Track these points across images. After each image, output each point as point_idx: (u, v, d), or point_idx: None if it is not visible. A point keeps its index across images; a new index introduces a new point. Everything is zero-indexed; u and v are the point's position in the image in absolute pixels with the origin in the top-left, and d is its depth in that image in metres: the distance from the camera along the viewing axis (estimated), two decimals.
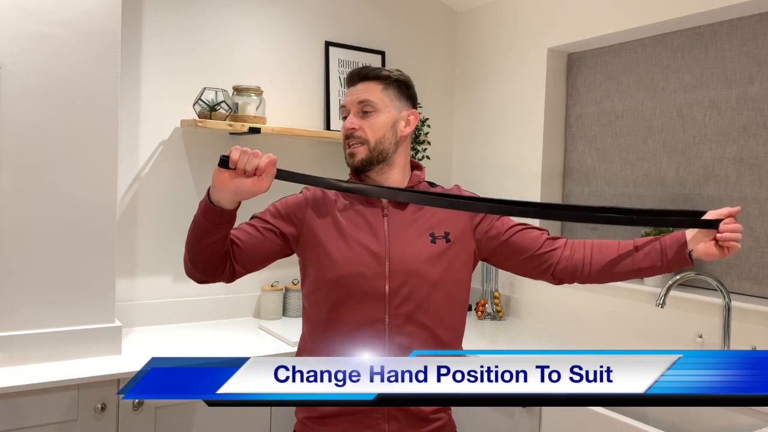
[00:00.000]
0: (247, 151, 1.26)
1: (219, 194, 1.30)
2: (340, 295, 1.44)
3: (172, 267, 2.47)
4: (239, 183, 1.27)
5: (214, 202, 1.31)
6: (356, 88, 1.51)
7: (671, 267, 1.42)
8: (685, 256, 1.39)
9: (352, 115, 1.49)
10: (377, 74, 1.50)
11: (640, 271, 1.44)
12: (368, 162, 1.47)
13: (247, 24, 2.63)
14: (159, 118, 2.45)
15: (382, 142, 1.47)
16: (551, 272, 1.49)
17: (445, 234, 1.48)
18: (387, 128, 1.48)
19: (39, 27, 1.88)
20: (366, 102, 1.48)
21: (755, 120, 2.12)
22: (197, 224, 1.35)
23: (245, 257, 1.45)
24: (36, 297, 1.92)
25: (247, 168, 1.25)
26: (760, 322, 1.97)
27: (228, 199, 1.30)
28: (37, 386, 1.75)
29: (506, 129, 2.87)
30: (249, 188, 1.27)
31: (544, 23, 2.69)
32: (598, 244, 1.49)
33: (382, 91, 1.49)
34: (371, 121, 1.47)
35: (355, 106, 1.49)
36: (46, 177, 1.92)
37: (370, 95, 1.48)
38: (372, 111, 1.48)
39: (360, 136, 1.47)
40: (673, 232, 1.44)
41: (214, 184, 1.29)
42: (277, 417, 2.10)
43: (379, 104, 1.48)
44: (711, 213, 1.38)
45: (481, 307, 2.78)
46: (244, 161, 1.25)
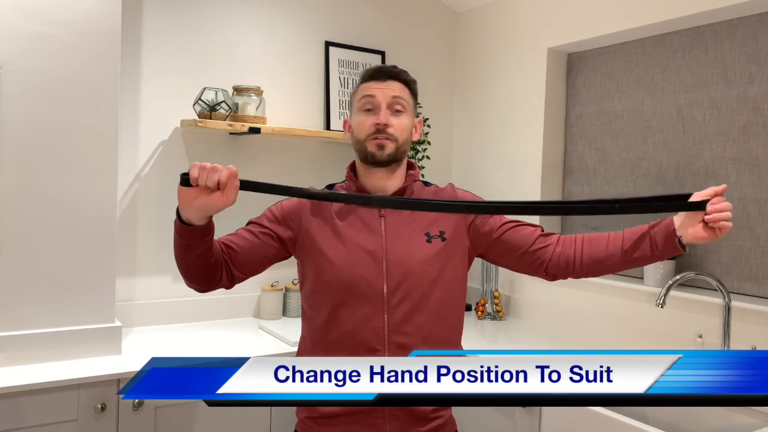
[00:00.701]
0: (206, 166, 1.22)
1: (187, 212, 1.27)
2: (339, 297, 1.44)
3: (172, 267, 2.42)
4: (203, 200, 1.24)
5: (184, 220, 1.29)
6: (385, 84, 1.47)
7: (662, 255, 1.38)
8: (675, 243, 1.34)
9: (384, 110, 1.46)
10: (406, 78, 1.50)
11: (632, 261, 1.41)
12: (393, 159, 1.46)
13: (247, 24, 2.63)
14: (159, 118, 2.45)
15: (404, 144, 1.48)
16: (544, 268, 1.49)
17: (441, 233, 1.48)
18: (409, 131, 1.49)
19: (39, 27, 1.88)
20: (400, 99, 1.47)
21: (755, 120, 2.12)
22: (176, 243, 1.35)
23: (242, 262, 1.45)
24: (36, 297, 1.92)
25: (209, 184, 1.22)
26: (760, 322, 1.97)
27: (196, 216, 1.27)
28: (37, 386, 1.75)
29: (506, 129, 2.87)
30: (214, 204, 1.24)
31: (544, 23, 2.69)
32: (589, 237, 1.47)
33: (408, 94, 1.50)
34: (401, 121, 1.47)
35: (388, 100, 1.46)
36: (46, 177, 1.92)
37: (403, 95, 1.48)
38: (402, 111, 1.47)
39: (392, 133, 1.45)
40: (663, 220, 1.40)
41: (180, 203, 1.27)
42: (277, 417, 2.10)
43: (408, 106, 1.49)
44: (697, 194, 1.32)
45: (481, 307, 2.78)
46: (204, 178, 1.21)
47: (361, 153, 1.48)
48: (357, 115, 1.49)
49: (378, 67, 1.50)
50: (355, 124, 1.49)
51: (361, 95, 1.48)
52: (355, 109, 1.50)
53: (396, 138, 1.45)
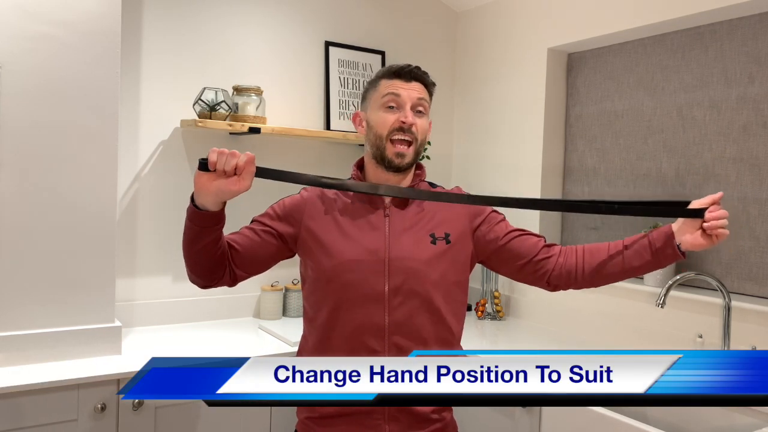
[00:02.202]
0: (225, 151, 1.26)
1: (202, 197, 1.30)
2: (340, 296, 1.44)
3: (172, 267, 2.47)
4: (220, 184, 1.27)
5: (198, 205, 1.32)
6: (410, 84, 1.47)
7: (661, 262, 1.41)
8: (674, 249, 1.37)
9: (408, 110, 1.46)
10: (429, 81, 1.51)
11: (632, 270, 1.43)
12: (411, 164, 1.48)
13: (247, 24, 2.63)
14: (159, 118, 2.45)
15: (421, 147, 1.49)
16: (546, 279, 1.49)
17: (446, 235, 1.48)
18: (427, 133, 1.51)
19: (39, 27, 1.88)
20: (423, 101, 1.48)
21: (755, 120, 2.12)
22: (187, 230, 1.37)
23: (245, 261, 1.46)
24: (36, 297, 1.92)
25: (227, 168, 1.25)
26: (760, 322, 1.97)
27: (211, 201, 1.30)
28: (37, 386, 1.75)
29: (506, 129, 2.87)
30: (230, 188, 1.27)
31: (544, 23, 2.69)
32: (590, 247, 1.48)
33: (429, 97, 1.51)
34: (422, 122, 1.48)
35: (413, 100, 1.46)
36: (46, 177, 1.92)
37: (425, 96, 1.49)
38: (424, 113, 1.48)
39: (414, 132, 1.46)
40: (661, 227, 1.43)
41: (196, 188, 1.30)
42: (277, 417, 2.10)
43: (428, 108, 1.50)
44: (695, 202, 1.36)
45: (481, 307, 2.78)
46: (222, 162, 1.25)
47: (377, 151, 1.46)
48: (378, 111, 1.47)
49: (404, 66, 1.49)
50: (375, 119, 1.47)
51: (385, 92, 1.47)
52: (376, 105, 1.48)
53: (417, 138, 1.46)
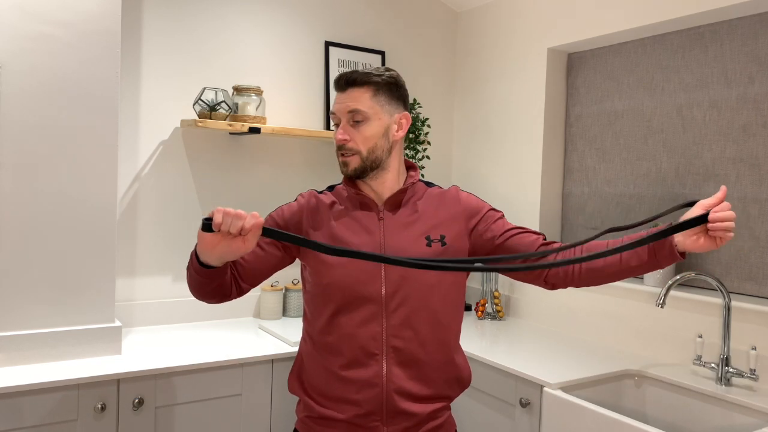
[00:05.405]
0: (230, 212, 1.19)
1: (206, 256, 1.28)
2: (338, 301, 1.44)
3: (172, 267, 2.46)
4: (224, 247, 1.23)
5: (202, 262, 1.30)
6: (345, 94, 1.45)
7: (660, 263, 1.35)
8: (674, 251, 1.31)
9: (342, 125, 1.45)
10: (367, 79, 1.44)
11: (630, 270, 1.38)
12: (362, 171, 1.46)
13: (247, 24, 2.63)
14: (159, 118, 2.45)
15: (375, 151, 1.45)
16: (544, 277, 1.48)
17: (441, 237, 1.48)
18: (379, 136, 1.45)
19: (39, 27, 1.88)
20: (356, 112, 1.43)
21: (755, 120, 2.12)
22: (192, 278, 1.36)
23: (250, 275, 1.47)
24: (36, 297, 1.92)
25: (232, 230, 1.19)
26: (760, 322, 1.97)
27: (215, 260, 1.28)
28: (37, 386, 1.75)
29: (506, 129, 2.87)
30: (234, 251, 1.23)
31: (544, 23, 2.69)
32: (587, 246, 1.45)
33: (372, 97, 1.44)
34: (362, 131, 1.44)
35: (345, 115, 1.45)
36: (46, 177, 1.92)
37: (360, 104, 1.43)
38: (363, 120, 1.43)
39: (351, 147, 1.44)
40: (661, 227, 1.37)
41: (200, 248, 1.27)
42: (277, 417, 2.10)
43: (369, 113, 1.43)
44: (700, 204, 1.28)
45: (481, 307, 2.78)
46: (228, 224, 1.19)
47: None
48: None
49: (339, 76, 1.47)
50: None
51: (331, 108, 1.50)
52: None
53: (358, 150, 1.44)
